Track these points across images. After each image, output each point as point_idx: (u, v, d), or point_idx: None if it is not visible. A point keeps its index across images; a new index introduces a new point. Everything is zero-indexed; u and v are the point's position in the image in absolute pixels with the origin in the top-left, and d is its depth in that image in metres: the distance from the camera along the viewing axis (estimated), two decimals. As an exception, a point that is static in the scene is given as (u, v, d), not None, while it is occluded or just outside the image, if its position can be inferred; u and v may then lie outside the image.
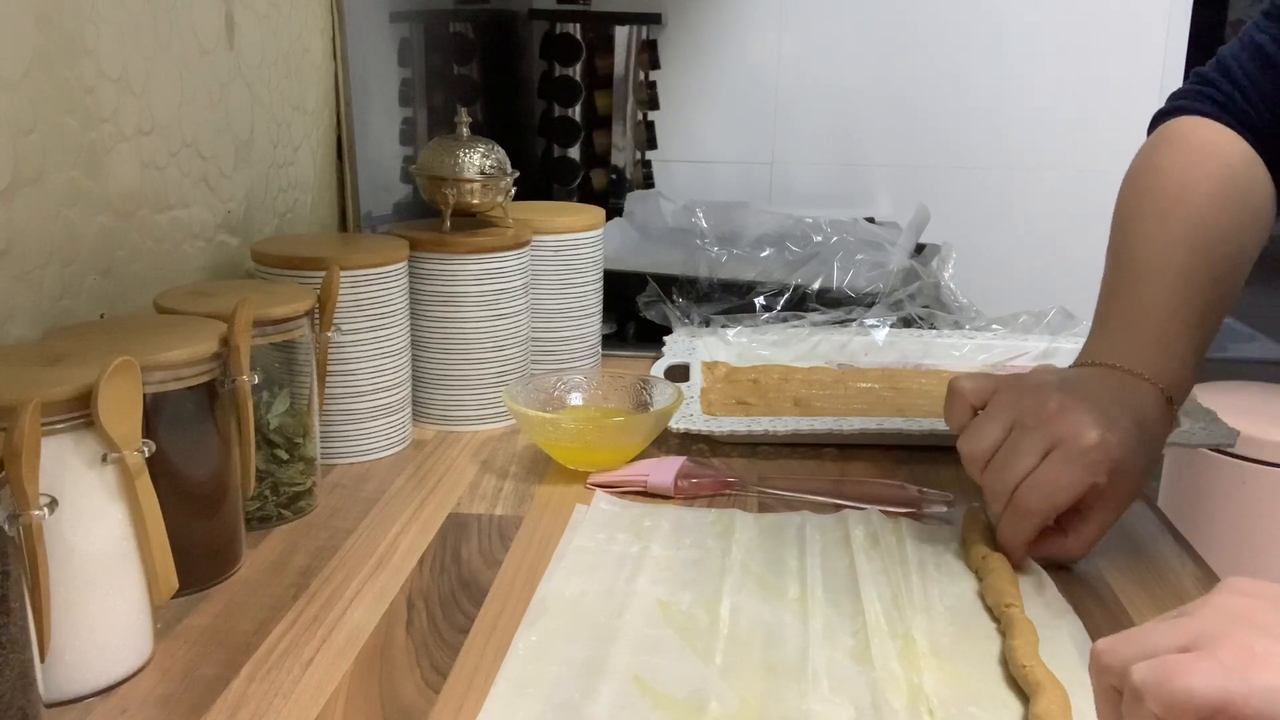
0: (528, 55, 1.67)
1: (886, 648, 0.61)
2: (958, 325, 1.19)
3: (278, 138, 1.04)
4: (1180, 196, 0.78)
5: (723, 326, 1.15)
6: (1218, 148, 0.80)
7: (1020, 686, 0.57)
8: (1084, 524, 0.71)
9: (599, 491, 0.81)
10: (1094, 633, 0.64)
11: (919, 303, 1.21)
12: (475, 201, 0.95)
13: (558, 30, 1.58)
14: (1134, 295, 0.76)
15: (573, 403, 0.93)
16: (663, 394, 0.90)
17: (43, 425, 0.52)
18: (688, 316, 1.18)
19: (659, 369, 1.04)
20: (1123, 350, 0.74)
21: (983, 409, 0.73)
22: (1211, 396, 1.12)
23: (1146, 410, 0.72)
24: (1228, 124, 0.80)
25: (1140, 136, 1.90)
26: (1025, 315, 1.20)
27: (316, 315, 0.82)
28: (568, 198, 1.57)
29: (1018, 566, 0.70)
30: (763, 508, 0.80)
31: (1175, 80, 1.74)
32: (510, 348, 0.96)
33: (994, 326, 1.19)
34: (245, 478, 0.71)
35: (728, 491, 0.83)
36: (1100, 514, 0.71)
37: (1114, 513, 0.71)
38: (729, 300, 1.21)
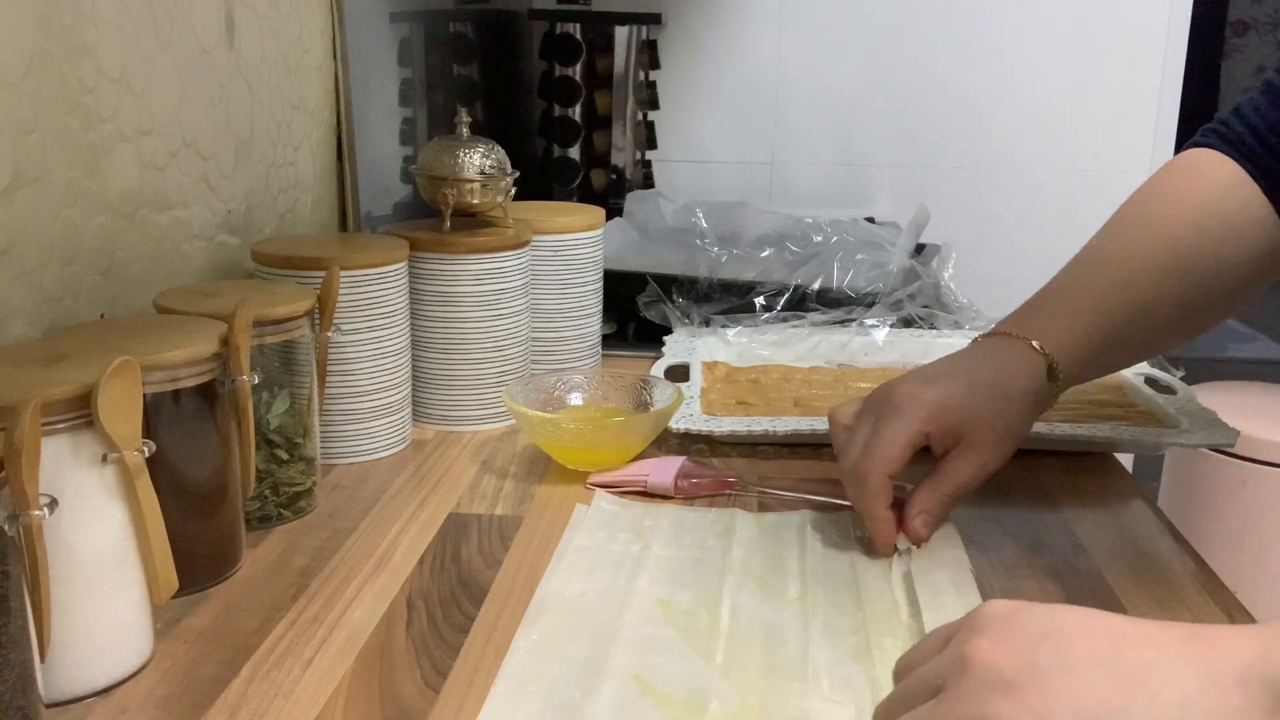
0: (528, 55, 1.67)
1: (887, 646, 0.61)
2: (958, 325, 1.19)
3: (278, 138, 1.04)
4: (1147, 208, 0.81)
5: (723, 326, 1.15)
6: (1203, 170, 0.81)
7: None
8: (946, 468, 0.72)
9: (599, 491, 0.81)
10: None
11: (919, 303, 1.21)
12: (475, 201, 0.95)
13: (558, 30, 1.58)
14: (1059, 278, 0.80)
15: (573, 403, 0.93)
16: (663, 394, 0.90)
17: (43, 425, 0.52)
18: (688, 316, 1.18)
19: (659, 369, 1.04)
20: (1017, 319, 0.78)
21: None
22: (1211, 396, 1.12)
23: (1005, 363, 0.75)
24: (1228, 154, 0.81)
25: (1139, 136, 1.89)
26: (1025, 315, 1.19)
27: (316, 315, 0.82)
28: (568, 198, 1.57)
29: (885, 547, 0.71)
30: (763, 508, 0.80)
31: (1174, 81, 1.73)
32: (510, 348, 0.96)
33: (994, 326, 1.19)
34: (245, 478, 0.71)
35: (728, 491, 0.83)
36: (959, 462, 0.72)
37: (974, 463, 0.72)
38: (729, 300, 1.21)
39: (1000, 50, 1.75)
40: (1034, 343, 0.75)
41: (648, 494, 0.82)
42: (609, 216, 1.21)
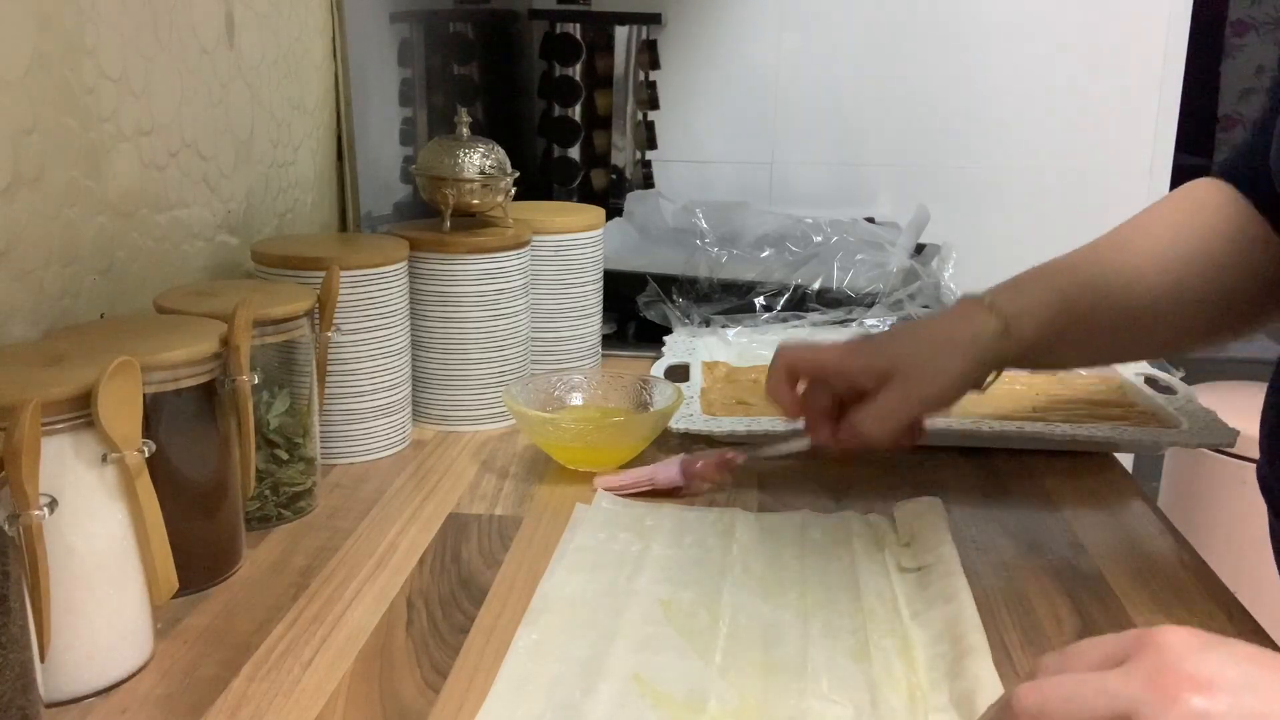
0: (528, 55, 1.66)
1: (886, 646, 0.61)
2: (958, 325, 1.19)
3: (278, 138, 1.04)
4: (1141, 218, 0.84)
5: (723, 326, 1.15)
6: (1200, 190, 0.83)
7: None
8: (873, 395, 0.77)
9: (600, 491, 0.81)
10: (1093, 631, 0.64)
11: (919, 303, 1.21)
12: (475, 201, 0.95)
13: (558, 30, 1.58)
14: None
15: (573, 403, 0.93)
16: (663, 394, 0.90)
17: (43, 425, 0.52)
18: (688, 316, 1.18)
19: (659, 369, 1.04)
20: (989, 290, 0.81)
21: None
22: (1211, 396, 1.12)
23: (949, 315, 0.80)
24: (1230, 181, 0.82)
25: (1139, 136, 1.89)
26: (1025, 315, 1.19)
27: (316, 315, 0.82)
28: (568, 198, 1.57)
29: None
30: (763, 507, 0.80)
31: (1175, 81, 1.73)
32: (510, 348, 0.96)
33: (994, 326, 1.19)
34: (245, 478, 0.71)
35: (732, 469, 0.83)
36: (885, 391, 0.76)
37: (898, 391, 0.76)
38: (729, 300, 1.21)
39: (1000, 50, 1.75)
40: (985, 299, 0.78)
41: (656, 494, 0.82)
42: (609, 216, 1.21)
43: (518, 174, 0.97)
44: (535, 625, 0.63)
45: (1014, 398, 1.01)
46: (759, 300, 1.21)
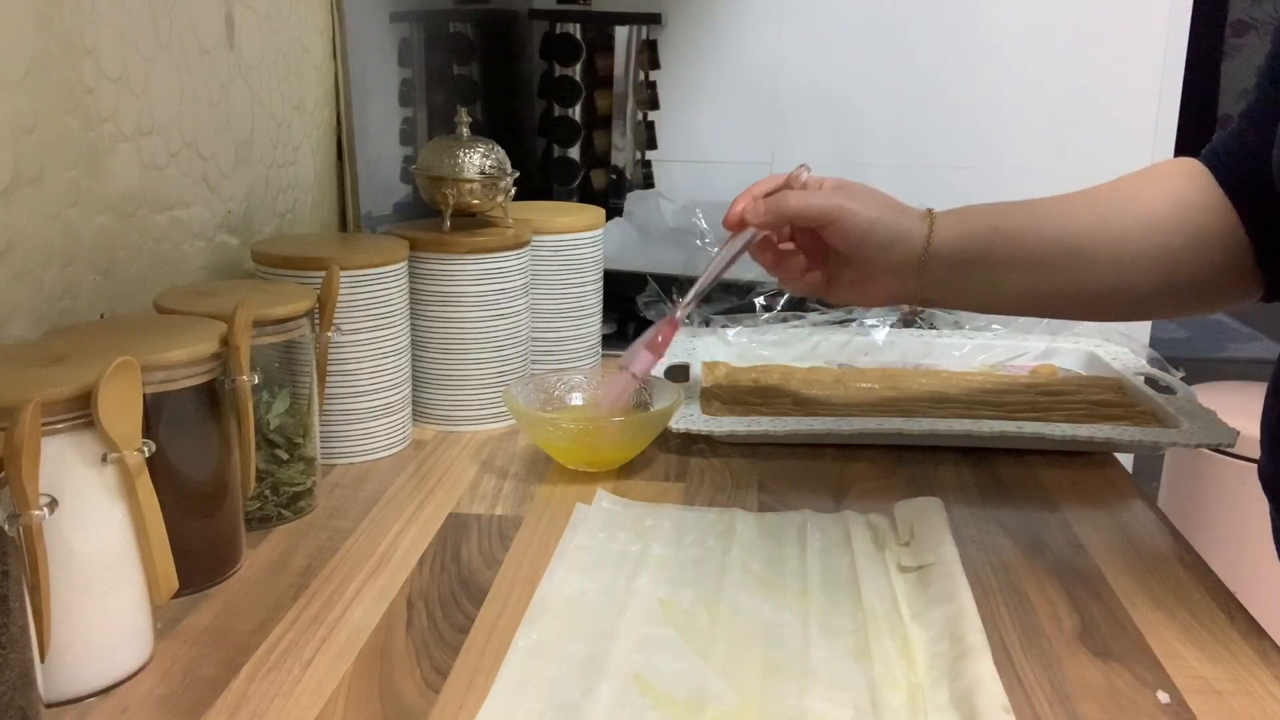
0: (528, 55, 1.66)
1: (886, 646, 0.61)
2: (958, 325, 1.19)
3: (278, 138, 1.04)
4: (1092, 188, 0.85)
5: (723, 326, 1.15)
6: (1166, 165, 0.84)
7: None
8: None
9: (599, 491, 0.81)
10: (1093, 630, 0.65)
11: (919, 303, 1.21)
12: (475, 201, 0.95)
13: (558, 30, 1.58)
14: None
15: (573, 403, 0.93)
16: (663, 394, 0.90)
17: (43, 425, 0.52)
18: (688, 316, 1.18)
19: (659, 369, 1.04)
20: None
21: None
22: (1211, 396, 1.12)
23: (902, 207, 0.84)
24: (1203, 163, 0.82)
25: (1139, 136, 1.89)
26: (1025, 315, 1.19)
27: (316, 315, 0.82)
28: (568, 198, 1.57)
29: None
30: (763, 507, 0.80)
31: (1175, 81, 1.73)
32: (510, 348, 0.96)
33: (994, 326, 1.19)
34: (245, 478, 0.71)
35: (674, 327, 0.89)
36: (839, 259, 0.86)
37: (818, 196, 0.86)
38: (729, 300, 1.21)
39: (1000, 50, 1.75)
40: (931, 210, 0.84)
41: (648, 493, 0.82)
42: (609, 216, 1.20)
43: (518, 174, 0.97)
44: (535, 625, 0.63)
45: (1013, 393, 1.01)
46: (759, 300, 1.21)
